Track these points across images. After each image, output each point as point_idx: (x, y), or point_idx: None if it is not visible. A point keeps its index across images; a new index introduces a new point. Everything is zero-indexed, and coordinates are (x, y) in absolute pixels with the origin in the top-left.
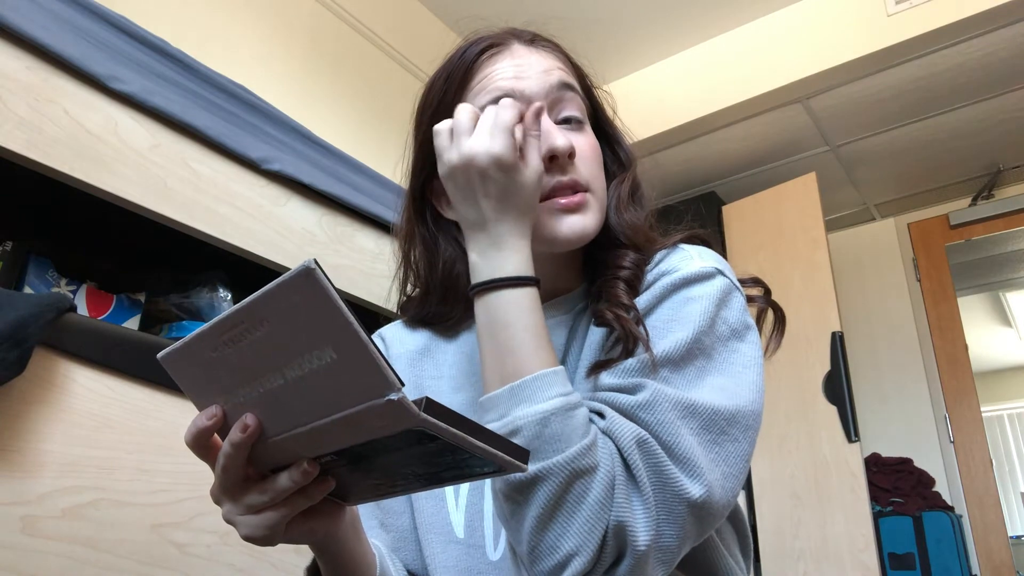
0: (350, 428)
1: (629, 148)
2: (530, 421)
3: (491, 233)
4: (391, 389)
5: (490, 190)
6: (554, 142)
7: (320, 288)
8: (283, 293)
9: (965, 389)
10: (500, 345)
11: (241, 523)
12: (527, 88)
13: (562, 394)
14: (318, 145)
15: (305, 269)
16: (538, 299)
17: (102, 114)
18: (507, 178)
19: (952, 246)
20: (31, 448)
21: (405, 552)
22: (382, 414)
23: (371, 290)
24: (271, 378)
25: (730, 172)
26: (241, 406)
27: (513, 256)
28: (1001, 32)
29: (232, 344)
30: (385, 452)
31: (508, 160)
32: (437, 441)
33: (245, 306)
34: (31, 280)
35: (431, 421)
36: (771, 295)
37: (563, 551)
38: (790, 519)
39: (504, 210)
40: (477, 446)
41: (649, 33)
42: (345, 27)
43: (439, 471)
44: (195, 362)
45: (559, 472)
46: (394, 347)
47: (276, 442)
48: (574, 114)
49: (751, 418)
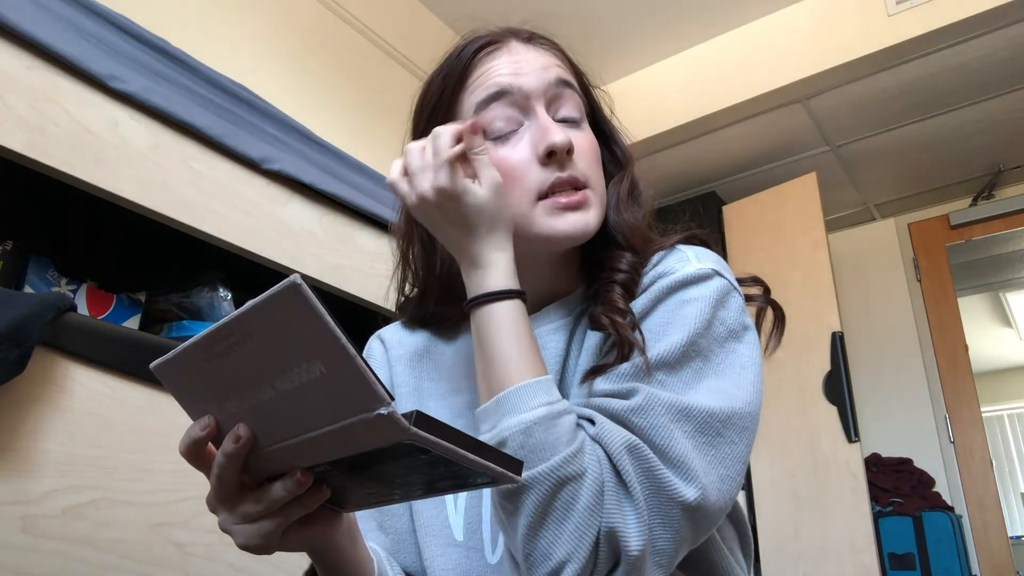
0: (341, 440)
1: (626, 147)
2: (514, 432)
3: (468, 254)
4: (380, 403)
5: (451, 218)
6: (552, 138)
7: (306, 304)
8: (270, 308)
9: (965, 389)
10: (488, 358)
11: (237, 532)
12: (525, 84)
13: (546, 403)
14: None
15: (291, 285)
16: (523, 310)
17: (102, 114)
18: (459, 204)
19: (952, 246)
20: (31, 448)
21: (404, 555)
22: (372, 428)
23: (371, 290)
24: (262, 390)
25: (730, 172)
26: (234, 416)
27: (491, 272)
28: (1001, 32)
29: (223, 356)
30: (380, 462)
31: (451, 189)
32: (430, 453)
33: (233, 319)
34: (31, 280)
35: (421, 435)
36: (770, 294)
37: (556, 558)
38: (790, 519)
39: (471, 232)
40: (468, 458)
41: (649, 33)
42: (345, 27)
43: (435, 481)
44: (187, 372)
45: (544, 480)
46: (393, 349)
47: (270, 452)
48: (572, 112)
49: (747, 419)
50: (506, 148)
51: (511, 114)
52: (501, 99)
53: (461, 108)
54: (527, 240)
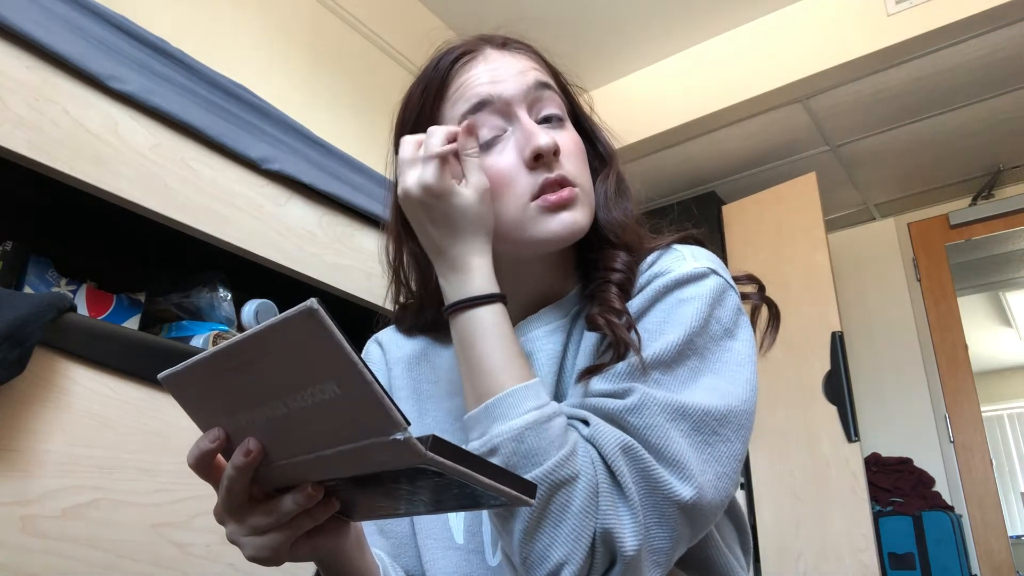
0: (354, 460)
1: (609, 143)
2: (506, 438)
3: (447, 257)
4: (397, 428)
5: (434, 217)
6: (537, 141)
7: (323, 328)
8: (285, 330)
9: (965, 389)
10: (473, 364)
11: (246, 544)
12: (504, 91)
13: (535, 407)
14: (318, 145)
15: (308, 310)
16: (505, 314)
17: (102, 114)
18: (444, 203)
19: (952, 246)
20: (31, 448)
21: (404, 558)
22: (387, 451)
23: (371, 290)
24: (274, 406)
25: (730, 172)
26: (244, 429)
27: (472, 276)
28: (1001, 32)
29: (235, 371)
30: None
31: (437, 187)
32: (443, 476)
33: (248, 338)
34: (31, 280)
35: (437, 459)
36: (765, 291)
37: (553, 560)
38: (790, 519)
39: (453, 233)
40: (484, 483)
41: (649, 33)
42: (345, 26)
43: (442, 500)
44: (197, 384)
45: (539, 486)
46: (391, 352)
47: (280, 466)
48: (554, 112)
49: (743, 417)
50: (492, 155)
51: (495, 122)
52: (483, 109)
53: (443, 120)
54: (521, 244)
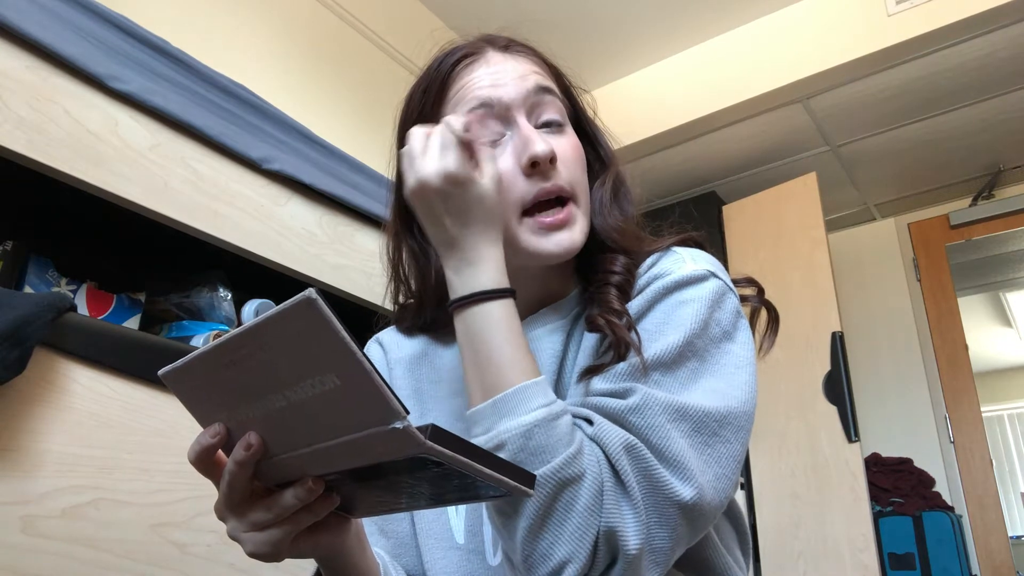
0: (354, 451)
1: (610, 148)
2: (514, 435)
3: (460, 249)
4: (396, 417)
5: (450, 207)
6: (534, 149)
7: (322, 318)
8: (284, 321)
9: (965, 389)
10: (481, 358)
11: (246, 540)
12: (504, 95)
13: (544, 404)
14: (318, 145)
15: (306, 299)
16: (514, 309)
17: (102, 114)
18: (463, 192)
19: (952, 246)
20: (31, 448)
21: (405, 558)
22: (387, 441)
23: (371, 290)
24: (274, 399)
25: (730, 172)
26: (244, 424)
27: (485, 269)
28: (1001, 32)
29: (234, 365)
30: (392, 473)
31: (459, 175)
32: (443, 466)
33: (246, 331)
34: (31, 280)
35: (437, 449)
36: (764, 294)
37: (556, 559)
38: (790, 519)
39: (467, 224)
40: (483, 472)
41: (650, 33)
42: (345, 26)
43: (443, 492)
44: (197, 379)
45: (545, 484)
46: (392, 352)
47: (280, 460)
48: (554, 117)
49: (743, 419)
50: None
51: (494, 126)
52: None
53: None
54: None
